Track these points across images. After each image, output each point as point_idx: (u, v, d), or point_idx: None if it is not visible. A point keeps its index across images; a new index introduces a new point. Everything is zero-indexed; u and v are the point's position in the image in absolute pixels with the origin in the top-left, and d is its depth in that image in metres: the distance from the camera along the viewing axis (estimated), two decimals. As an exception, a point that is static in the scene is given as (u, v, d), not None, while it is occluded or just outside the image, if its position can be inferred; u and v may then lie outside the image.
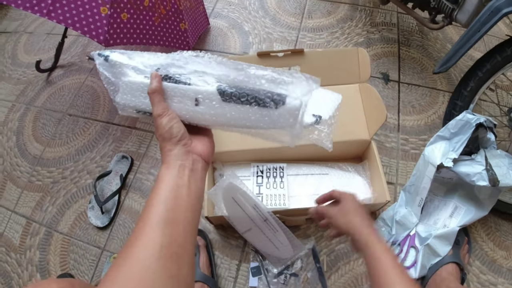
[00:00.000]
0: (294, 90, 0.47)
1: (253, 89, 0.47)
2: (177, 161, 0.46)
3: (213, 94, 0.48)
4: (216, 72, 0.49)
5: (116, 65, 0.52)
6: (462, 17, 1.08)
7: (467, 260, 1.00)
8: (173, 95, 0.50)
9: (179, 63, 0.50)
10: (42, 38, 1.66)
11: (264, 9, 1.63)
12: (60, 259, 1.08)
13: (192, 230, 0.44)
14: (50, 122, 1.36)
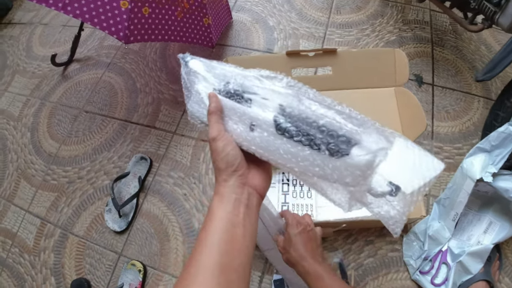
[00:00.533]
0: (366, 141, 0.37)
1: (309, 127, 0.39)
2: (232, 194, 0.41)
3: (269, 123, 0.42)
4: (282, 99, 0.42)
5: (192, 72, 0.50)
6: (504, 21, 1.01)
7: (497, 277, 0.95)
8: (231, 115, 0.45)
9: (250, 82, 0.45)
10: (58, 30, 1.62)
11: (290, 3, 1.55)
12: (76, 262, 1.05)
13: (246, 275, 0.39)
14: (66, 119, 1.32)
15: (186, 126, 1.25)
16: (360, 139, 0.37)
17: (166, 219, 1.07)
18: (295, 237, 0.70)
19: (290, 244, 0.70)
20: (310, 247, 0.70)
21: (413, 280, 0.96)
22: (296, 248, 0.69)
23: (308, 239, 0.71)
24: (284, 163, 0.42)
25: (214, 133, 0.43)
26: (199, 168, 1.15)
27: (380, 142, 0.36)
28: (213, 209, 0.41)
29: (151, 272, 1.01)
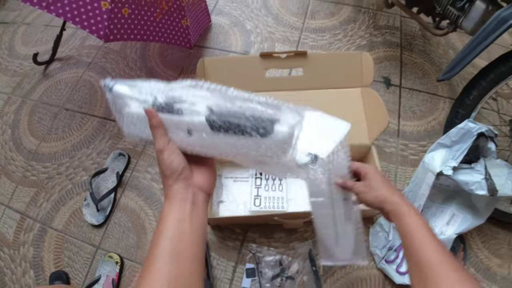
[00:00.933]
0: (284, 119, 0.44)
1: (239, 120, 0.45)
2: (178, 195, 0.46)
3: (203, 124, 0.47)
4: (208, 101, 0.47)
5: (119, 96, 0.51)
6: (468, 24, 1.07)
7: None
8: (168, 125, 0.48)
9: (176, 93, 0.49)
10: (40, 29, 1.63)
11: (267, 8, 1.62)
12: (54, 256, 1.07)
13: (197, 262, 0.44)
14: (46, 116, 1.34)
15: (164, 123, 1.27)
16: (279, 118, 0.44)
17: (143, 213, 1.10)
18: (377, 176, 0.69)
19: (375, 183, 0.68)
20: (391, 185, 0.69)
21: (379, 269, 1.01)
22: (382, 187, 0.67)
23: (386, 178, 0.70)
24: (227, 154, 0.48)
25: (160, 145, 0.47)
26: (176, 163, 1.18)
27: (295, 117, 0.44)
28: (164, 210, 0.46)
29: (128, 264, 1.03)
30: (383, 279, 0.99)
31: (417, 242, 0.56)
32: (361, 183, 0.69)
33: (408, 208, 0.61)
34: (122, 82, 0.52)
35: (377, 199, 0.65)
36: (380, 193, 0.65)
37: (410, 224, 0.58)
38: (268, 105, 0.45)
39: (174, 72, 1.41)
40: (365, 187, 0.68)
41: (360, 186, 0.69)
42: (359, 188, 0.69)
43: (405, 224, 0.59)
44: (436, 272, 0.53)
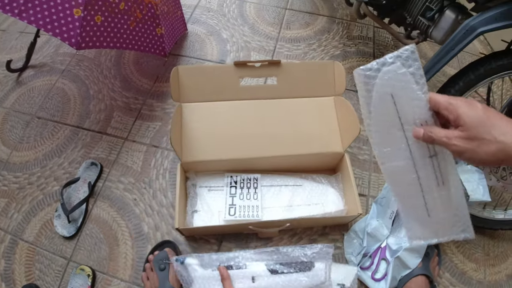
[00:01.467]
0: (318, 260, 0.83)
1: (289, 265, 0.81)
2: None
3: (264, 271, 0.78)
4: (261, 257, 0.83)
5: (189, 265, 0.82)
6: (437, 34, 1.10)
7: (437, 272, 1.02)
8: (235, 278, 0.77)
9: (234, 255, 0.83)
10: (14, 36, 1.60)
11: (243, 17, 1.63)
12: (26, 268, 1.03)
13: None
14: (18, 125, 1.30)
15: (138, 132, 1.26)
16: (315, 261, 0.83)
17: (115, 224, 1.08)
18: (480, 112, 0.42)
19: (482, 126, 0.41)
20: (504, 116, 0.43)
21: (354, 276, 1.01)
22: (497, 127, 0.41)
23: (491, 110, 0.43)
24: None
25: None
26: (149, 173, 1.17)
27: (326, 259, 0.85)
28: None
29: (100, 276, 1.01)
30: (358, 286, 0.99)
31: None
32: (459, 132, 0.43)
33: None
34: (192, 255, 0.85)
35: (495, 157, 0.41)
36: (497, 146, 0.40)
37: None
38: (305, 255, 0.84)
39: (149, 80, 1.40)
40: (467, 139, 0.42)
41: (457, 138, 0.43)
42: (456, 142, 0.43)
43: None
44: None
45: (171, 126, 0.95)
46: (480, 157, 0.41)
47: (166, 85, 1.39)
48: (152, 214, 1.10)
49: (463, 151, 0.42)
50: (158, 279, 0.93)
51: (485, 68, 0.93)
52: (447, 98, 0.45)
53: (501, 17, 0.86)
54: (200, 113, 1.05)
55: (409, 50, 0.47)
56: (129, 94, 1.36)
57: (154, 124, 1.28)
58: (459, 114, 0.42)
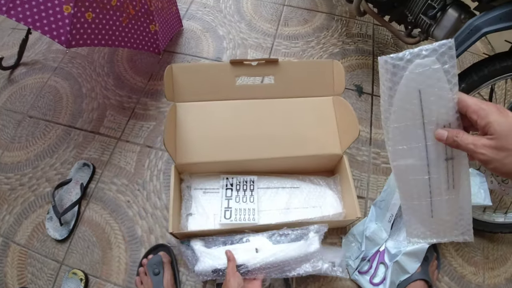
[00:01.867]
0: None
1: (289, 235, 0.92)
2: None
3: (267, 243, 0.90)
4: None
5: (195, 244, 0.91)
6: (439, 33, 1.08)
7: (436, 276, 1.00)
8: (240, 251, 0.87)
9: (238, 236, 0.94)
10: (6, 33, 1.56)
11: (240, 14, 1.59)
12: (18, 272, 1.02)
13: None
14: (10, 124, 1.27)
15: (132, 132, 1.24)
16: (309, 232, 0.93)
17: (108, 227, 1.06)
18: (509, 122, 0.40)
19: (509, 139, 0.39)
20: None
21: (352, 280, 1.00)
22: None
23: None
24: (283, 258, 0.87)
25: (231, 273, 0.78)
26: (143, 174, 1.15)
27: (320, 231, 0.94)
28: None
29: (93, 280, 0.99)
30: (356, 290, 0.98)
31: None
32: (487, 141, 0.41)
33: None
34: (195, 238, 0.94)
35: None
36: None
37: None
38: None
39: (143, 78, 1.37)
40: (496, 149, 0.40)
41: (484, 148, 0.41)
42: (484, 151, 0.41)
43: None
44: None
45: (164, 127, 0.93)
46: (507, 168, 0.40)
47: (161, 83, 1.36)
48: (146, 216, 1.07)
49: (490, 161, 0.40)
50: (152, 284, 0.91)
51: (489, 69, 0.91)
52: (478, 101, 0.42)
53: (506, 17, 0.84)
54: (195, 113, 1.03)
55: (447, 45, 0.44)
56: (122, 92, 1.33)
57: (148, 124, 1.25)
58: (490, 122, 0.40)
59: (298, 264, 0.89)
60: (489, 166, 0.41)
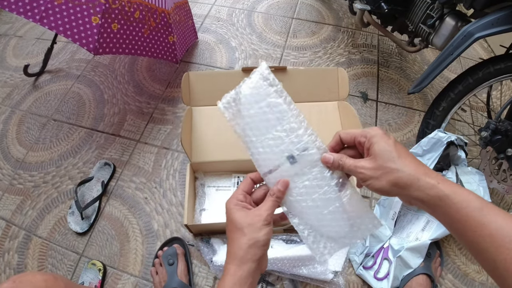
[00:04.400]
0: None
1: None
2: (250, 278, 0.45)
3: (281, 242, 1.01)
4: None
5: (214, 241, 0.97)
6: (438, 41, 1.14)
7: (439, 273, 1.03)
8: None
9: None
10: (31, 42, 1.67)
11: (251, 27, 1.69)
12: (38, 263, 1.07)
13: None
14: (35, 127, 1.36)
15: (150, 134, 1.32)
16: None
17: (126, 221, 1.12)
18: (387, 146, 0.44)
19: (387, 159, 0.43)
20: (409, 154, 0.45)
21: (357, 275, 1.03)
22: (399, 162, 0.43)
23: (399, 145, 0.46)
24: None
25: (270, 217, 0.47)
26: (160, 173, 1.22)
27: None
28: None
29: (111, 271, 1.04)
30: (361, 285, 1.02)
31: (487, 233, 0.38)
32: (365, 162, 0.45)
33: (449, 187, 0.41)
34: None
35: (395, 186, 0.43)
36: (397, 176, 0.43)
37: (463, 209, 0.40)
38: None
39: (161, 86, 1.46)
40: (373, 169, 0.44)
41: (364, 168, 0.45)
42: (363, 171, 0.45)
43: (456, 212, 0.40)
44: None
45: (181, 128, 1.00)
46: (380, 184, 0.43)
47: (177, 90, 1.44)
48: (162, 212, 1.14)
49: (368, 178, 0.44)
50: (167, 274, 0.96)
51: (483, 72, 0.96)
52: (362, 130, 0.48)
53: (498, 23, 0.90)
54: (209, 116, 1.10)
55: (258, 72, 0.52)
56: (141, 98, 1.42)
57: (165, 127, 1.33)
58: (372, 143, 0.45)
59: (305, 264, 0.97)
60: (366, 183, 0.45)
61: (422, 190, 0.41)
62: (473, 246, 0.40)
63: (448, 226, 0.42)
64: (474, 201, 0.39)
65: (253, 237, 0.45)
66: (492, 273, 0.39)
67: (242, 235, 0.45)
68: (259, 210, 0.47)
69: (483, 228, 0.38)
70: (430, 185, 0.41)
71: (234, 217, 0.47)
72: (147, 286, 1.01)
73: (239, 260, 0.45)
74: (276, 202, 0.48)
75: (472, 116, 1.37)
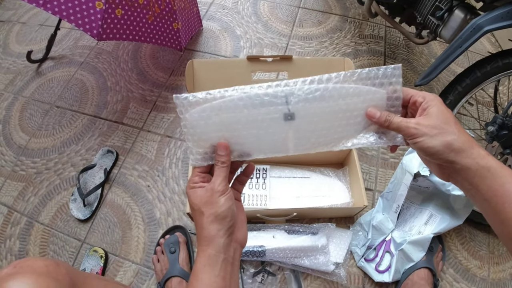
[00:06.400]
0: None
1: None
2: (221, 254, 0.43)
3: (283, 232, 1.00)
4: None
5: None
6: (446, 33, 1.12)
7: (441, 267, 1.03)
8: (259, 237, 0.98)
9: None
10: (34, 29, 1.66)
11: (257, 15, 1.67)
12: (40, 249, 1.08)
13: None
14: (37, 113, 1.36)
15: (153, 122, 1.31)
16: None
17: (129, 209, 1.12)
18: (445, 110, 0.44)
19: (443, 120, 0.43)
20: (460, 125, 0.44)
21: (358, 267, 1.03)
22: (453, 127, 0.42)
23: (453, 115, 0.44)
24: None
25: (222, 186, 0.44)
26: (163, 162, 1.21)
27: None
28: (200, 273, 0.42)
29: (112, 258, 1.05)
30: (362, 277, 1.02)
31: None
32: (421, 120, 0.44)
33: (496, 161, 0.41)
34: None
35: (447, 148, 0.41)
36: (453, 138, 0.41)
37: (507, 183, 0.39)
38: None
39: (165, 74, 1.45)
40: (429, 126, 0.42)
41: (419, 124, 0.43)
42: (418, 126, 0.43)
43: (499, 187, 0.40)
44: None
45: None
46: (434, 143, 0.42)
47: (181, 78, 1.43)
48: (164, 200, 1.14)
49: (421, 135, 0.42)
50: (168, 262, 0.97)
51: (491, 66, 0.95)
52: (418, 91, 0.46)
53: (507, 16, 0.88)
54: (213, 104, 1.09)
55: None
56: (145, 86, 1.41)
57: (168, 116, 1.33)
58: (431, 105, 0.44)
59: (307, 254, 0.98)
60: (418, 139, 0.43)
61: (474, 158, 0.41)
62: (509, 223, 0.39)
63: (487, 201, 0.41)
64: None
65: (212, 213, 0.44)
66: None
67: (201, 215, 0.44)
68: (211, 184, 0.45)
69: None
70: (482, 155, 0.41)
71: (191, 200, 0.46)
72: (149, 274, 1.01)
73: (204, 240, 0.44)
74: (223, 168, 0.46)
75: (478, 110, 1.35)
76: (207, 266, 0.42)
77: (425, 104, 0.44)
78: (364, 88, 0.47)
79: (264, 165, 1.12)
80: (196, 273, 0.42)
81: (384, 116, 0.46)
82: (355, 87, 0.46)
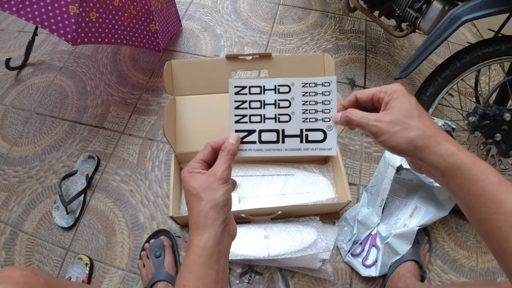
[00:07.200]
0: None
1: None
2: (216, 245, 0.42)
3: (274, 229, 0.99)
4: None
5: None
6: (425, 25, 1.12)
7: (428, 259, 1.04)
8: (251, 235, 0.97)
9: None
10: (13, 35, 1.63)
11: (237, 13, 1.66)
12: (25, 259, 1.06)
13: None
14: (18, 121, 1.33)
15: (134, 126, 1.30)
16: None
17: (112, 215, 1.11)
18: (408, 103, 0.41)
19: (406, 115, 0.40)
20: (429, 117, 0.42)
21: (345, 263, 1.03)
22: (418, 121, 0.40)
23: (420, 106, 0.42)
24: None
25: (225, 174, 0.44)
26: (145, 165, 1.20)
27: None
28: (193, 265, 0.41)
29: (98, 265, 1.03)
30: (349, 273, 1.02)
31: (501, 208, 0.36)
32: (382, 115, 0.41)
33: (469, 159, 0.38)
34: None
35: (411, 145, 0.39)
36: (416, 134, 0.39)
37: (487, 187, 0.37)
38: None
39: (145, 76, 1.43)
40: (390, 123, 0.40)
41: (379, 121, 0.41)
42: (378, 124, 0.41)
43: (472, 183, 0.38)
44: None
45: (164, 118, 0.98)
46: (397, 141, 0.40)
47: (161, 80, 1.42)
48: (148, 204, 1.12)
49: (383, 133, 0.40)
50: (154, 266, 0.96)
51: (471, 56, 0.95)
52: (379, 87, 0.45)
53: (485, 6, 0.88)
54: (193, 105, 1.08)
55: None
56: (125, 89, 1.40)
57: (149, 118, 1.31)
58: (393, 98, 0.41)
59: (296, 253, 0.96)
60: (380, 138, 0.41)
61: (441, 155, 0.38)
62: (484, 223, 0.37)
63: (460, 200, 0.39)
64: (493, 176, 0.37)
65: (211, 199, 0.42)
66: (501, 253, 0.37)
67: (199, 201, 0.43)
68: (213, 170, 0.44)
69: (499, 205, 0.36)
70: (450, 151, 0.38)
71: (189, 184, 0.44)
72: (135, 279, 1.01)
73: (200, 228, 0.42)
74: (230, 157, 0.46)
75: (460, 101, 1.36)
76: (202, 257, 0.41)
77: (387, 98, 0.42)
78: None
79: (247, 164, 1.11)
80: (188, 264, 0.41)
81: (343, 116, 0.45)
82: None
